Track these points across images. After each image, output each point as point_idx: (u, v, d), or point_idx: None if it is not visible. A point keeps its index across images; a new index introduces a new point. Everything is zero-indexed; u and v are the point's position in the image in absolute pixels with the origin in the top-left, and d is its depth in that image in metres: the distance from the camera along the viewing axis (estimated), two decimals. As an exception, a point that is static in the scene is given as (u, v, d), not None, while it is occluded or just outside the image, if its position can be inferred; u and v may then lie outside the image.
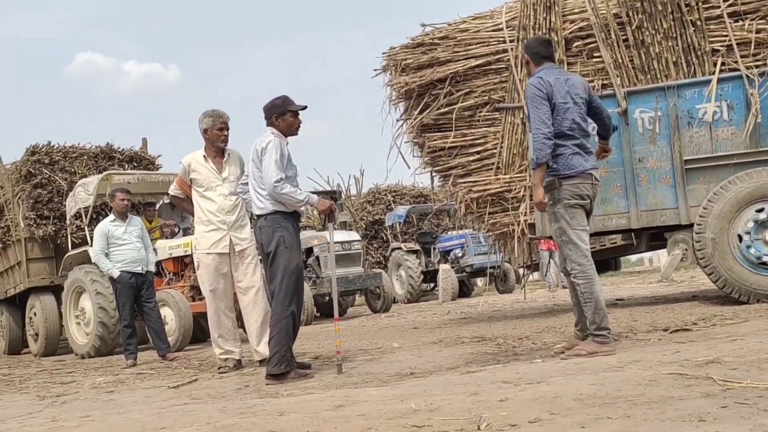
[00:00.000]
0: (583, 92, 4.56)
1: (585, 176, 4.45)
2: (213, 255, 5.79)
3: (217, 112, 5.87)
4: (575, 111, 4.46)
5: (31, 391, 5.78)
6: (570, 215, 4.46)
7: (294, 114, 5.09)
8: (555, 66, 4.66)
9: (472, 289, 18.48)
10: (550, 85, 4.42)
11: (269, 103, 5.09)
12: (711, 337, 4.60)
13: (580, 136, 4.47)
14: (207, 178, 5.84)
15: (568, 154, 4.44)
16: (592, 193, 4.50)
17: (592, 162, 4.51)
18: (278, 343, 4.81)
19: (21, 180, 11.24)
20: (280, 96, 5.11)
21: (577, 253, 4.46)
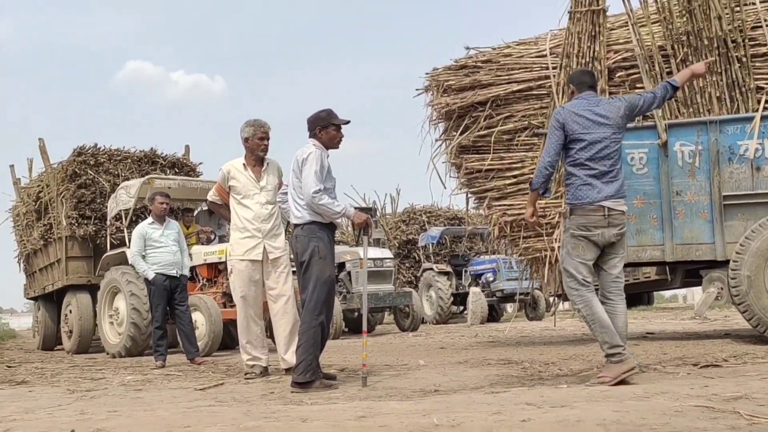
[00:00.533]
0: (616, 114, 4.55)
1: (594, 208, 4.43)
2: (246, 262, 5.87)
3: (259, 121, 5.95)
4: (598, 141, 4.45)
5: (62, 385, 5.91)
6: (572, 245, 4.48)
7: (337, 128, 5.17)
8: (593, 94, 4.67)
9: (502, 314, 18.37)
10: (570, 114, 4.50)
11: (314, 115, 5.18)
12: (741, 374, 4.54)
13: (599, 167, 4.45)
14: (245, 186, 5.93)
15: (577, 185, 4.47)
16: (605, 223, 4.43)
17: (607, 192, 4.44)
18: (305, 351, 4.86)
19: (66, 179, 11.53)
20: (324, 109, 5.21)
21: (572, 282, 4.49)
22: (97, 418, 3.84)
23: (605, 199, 4.44)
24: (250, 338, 5.96)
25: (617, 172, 4.53)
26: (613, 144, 4.52)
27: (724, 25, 6.68)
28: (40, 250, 12.53)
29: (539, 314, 16.84)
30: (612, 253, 4.56)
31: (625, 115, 4.62)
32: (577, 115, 4.50)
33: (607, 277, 4.58)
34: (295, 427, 3.18)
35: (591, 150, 4.46)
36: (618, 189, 4.51)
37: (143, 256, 7.91)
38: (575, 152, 4.48)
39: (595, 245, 4.47)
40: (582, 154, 4.46)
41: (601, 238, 4.45)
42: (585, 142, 4.46)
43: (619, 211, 4.49)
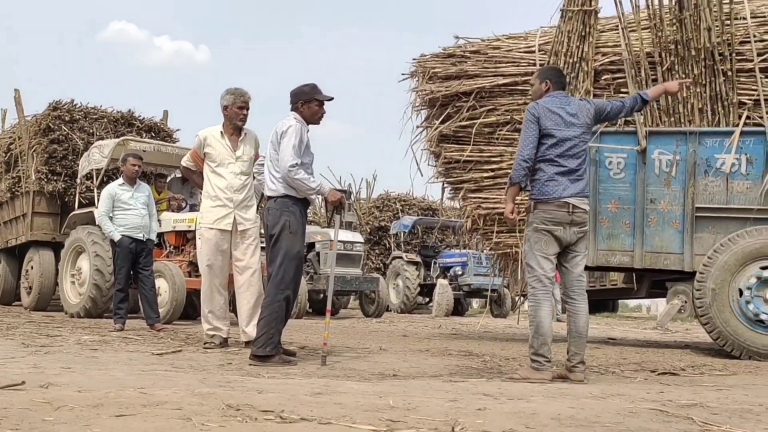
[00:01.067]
0: (586, 116, 4.59)
1: (560, 204, 4.45)
2: (215, 230, 5.81)
3: (239, 90, 5.88)
4: (568, 139, 4.48)
5: (17, 339, 5.81)
6: (535, 239, 4.49)
7: (320, 103, 5.11)
8: (564, 94, 4.70)
9: (467, 309, 18.44)
10: (544, 110, 4.51)
11: (297, 88, 5.11)
12: (698, 384, 4.58)
13: (568, 164, 4.48)
14: (221, 154, 5.86)
15: (543, 180, 4.49)
16: (568, 220, 4.45)
17: (573, 190, 4.47)
18: (267, 325, 4.82)
19: (39, 133, 11.32)
20: (309, 83, 5.14)
21: (531, 276, 4.51)
22: (50, 372, 3.78)
23: (571, 196, 4.46)
24: (212, 308, 5.90)
25: (583, 172, 4.57)
26: (582, 143, 4.57)
27: (712, 38, 6.70)
28: (6, 203, 12.29)
29: (504, 311, 16.94)
30: (574, 251, 4.56)
31: (593, 117, 4.67)
32: (551, 112, 4.51)
33: (569, 275, 4.59)
34: (250, 397, 3.14)
35: (561, 147, 4.48)
36: (583, 188, 4.55)
37: (111, 217, 7.78)
38: (546, 148, 4.49)
39: (557, 241, 4.48)
40: (552, 151, 4.48)
41: (563, 234, 4.47)
42: (556, 138, 4.48)
43: (582, 209, 4.52)
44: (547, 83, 4.69)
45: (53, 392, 3.08)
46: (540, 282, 4.46)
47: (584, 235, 4.59)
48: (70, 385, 3.31)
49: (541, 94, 4.69)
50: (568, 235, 4.49)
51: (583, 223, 4.54)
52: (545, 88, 4.69)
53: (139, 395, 3.06)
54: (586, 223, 4.59)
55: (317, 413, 2.83)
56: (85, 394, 3.05)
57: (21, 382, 3.20)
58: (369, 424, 2.65)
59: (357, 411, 2.92)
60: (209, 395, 3.12)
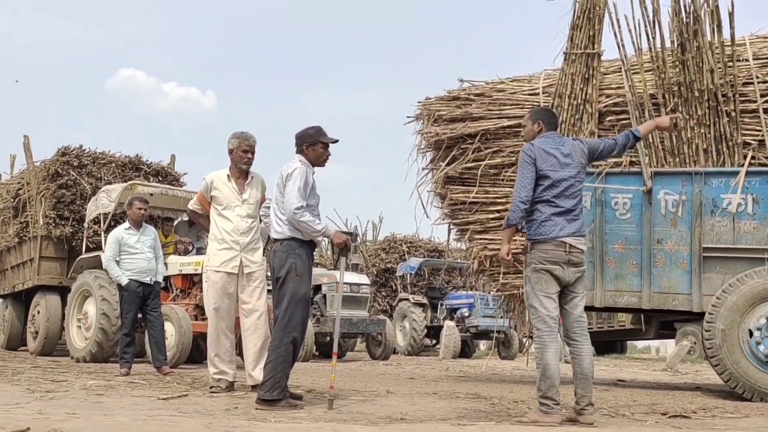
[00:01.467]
0: (580, 155, 4.61)
1: (557, 243, 4.44)
2: (222, 273, 5.81)
3: (244, 134, 5.94)
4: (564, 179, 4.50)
5: (22, 384, 5.78)
6: (535, 279, 4.47)
7: (325, 146, 5.16)
8: (557, 134, 4.73)
9: (474, 351, 18.30)
10: (540, 151, 4.52)
11: (302, 131, 5.17)
12: (709, 427, 4.51)
13: (564, 204, 4.49)
14: (227, 197, 5.89)
15: (540, 220, 4.49)
16: (566, 260, 4.44)
17: (570, 230, 4.47)
18: (274, 368, 4.79)
19: (48, 178, 11.39)
20: (313, 126, 5.20)
21: (535, 318, 4.48)
22: (55, 418, 3.75)
23: (567, 236, 4.46)
24: (219, 351, 5.87)
25: (579, 212, 4.58)
26: (577, 183, 4.58)
27: (715, 79, 6.77)
28: (14, 248, 12.32)
29: (512, 353, 16.79)
30: (573, 292, 4.54)
31: (587, 156, 4.68)
32: (547, 153, 4.53)
33: (569, 317, 4.56)
34: (256, 443, 3.10)
35: (557, 188, 4.49)
36: (579, 227, 4.55)
37: (117, 261, 7.80)
38: (542, 190, 4.50)
39: (557, 280, 4.46)
40: (548, 192, 4.49)
41: (562, 274, 4.45)
42: (552, 180, 4.49)
43: (579, 249, 4.51)
44: (540, 124, 4.70)
45: (58, 438, 3.05)
46: (544, 323, 4.43)
47: (582, 275, 4.57)
48: None
49: (533, 135, 4.71)
50: (567, 275, 4.47)
51: (580, 264, 4.53)
52: (537, 128, 4.70)
53: (145, 441, 3.03)
54: (584, 263, 4.58)
55: (325, 459, 2.80)
56: (90, 441, 3.02)
57: (26, 429, 3.18)
58: (377, 470, 2.61)
59: (365, 456, 2.88)
60: (216, 441, 3.08)
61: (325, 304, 12.97)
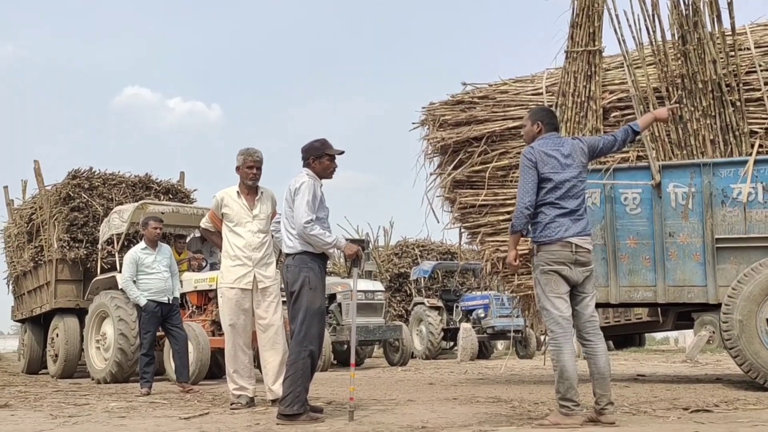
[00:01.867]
0: (580, 155, 4.60)
1: (563, 244, 4.44)
2: (236, 289, 5.85)
3: (250, 150, 5.96)
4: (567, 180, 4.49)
5: (45, 410, 5.82)
6: (545, 281, 4.47)
7: (331, 158, 5.18)
8: (557, 135, 4.71)
9: (492, 351, 18.25)
10: (541, 154, 4.51)
11: (308, 144, 5.19)
12: (732, 420, 4.50)
13: (568, 205, 4.48)
14: (238, 214, 5.92)
15: (545, 223, 4.48)
16: (573, 260, 4.43)
17: (575, 230, 4.46)
18: (293, 383, 4.81)
19: (60, 202, 11.50)
20: (319, 138, 5.22)
21: (549, 320, 4.47)
22: (78, 445, 3.78)
23: (573, 236, 4.45)
24: (237, 367, 5.90)
25: (583, 211, 4.57)
26: (580, 183, 4.57)
27: (718, 69, 6.76)
28: (30, 272, 12.44)
29: (530, 352, 16.74)
30: (582, 292, 4.53)
31: (587, 155, 4.67)
32: (548, 156, 4.51)
33: (581, 317, 4.53)
34: (279, 460, 3.12)
35: (560, 190, 4.48)
36: (585, 227, 4.53)
37: (134, 281, 7.86)
38: (545, 192, 4.50)
39: (565, 280, 4.46)
40: (552, 194, 4.48)
41: (570, 274, 4.44)
42: (554, 182, 4.48)
43: (586, 249, 4.50)
44: (539, 125, 4.69)
45: (84, 465, 3.08)
46: (558, 324, 4.42)
47: (590, 274, 4.56)
48: (100, 457, 3.31)
49: (533, 136, 4.70)
50: (575, 275, 4.46)
51: (587, 263, 4.52)
52: (537, 129, 4.69)
53: (170, 464, 3.05)
54: (591, 262, 4.57)
55: (348, 474, 2.81)
56: (115, 466, 3.05)
57: (52, 457, 3.21)
58: (400, 483, 2.63)
59: (387, 469, 2.90)
60: (239, 460, 3.11)
61: (340, 312, 12.99)
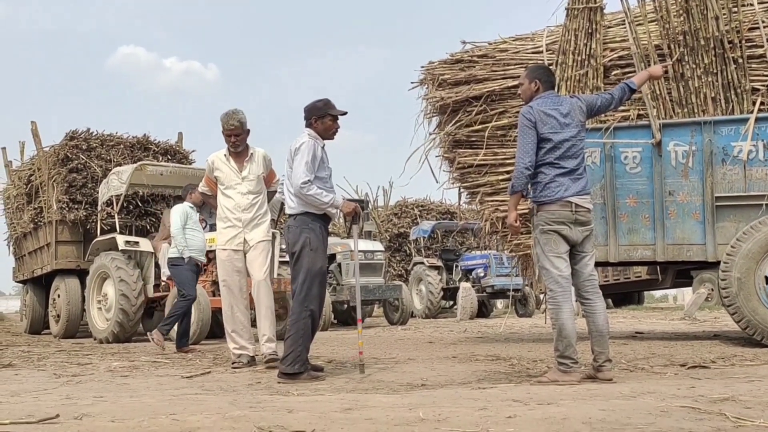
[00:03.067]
0: (579, 114, 4.56)
1: (563, 203, 4.43)
2: (228, 251, 5.95)
3: (227, 116, 5.94)
4: (566, 140, 4.46)
5: (48, 369, 5.88)
6: (544, 240, 4.47)
7: (333, 118, 5.14)
8: (555, 93, 4.67)
9: (491, 310, 18.40)
10: (540, 114, 4.47)
11: (310, 104, 5.15)
12: (729, 376, 4.55)
13: (567, 165, 4.47)
14: (228, 176, 5.98)
15: (545, 183, 4.47)
16: (572, 219, 4.43)
17: (575, 189, 4.45)
18: (294, 342, 4.84)
19: (58, 163, 11.47)
20: (322, 99, 5.18)
21: (548, 279, 4.49)
22: (83, 403, 3.82)
23: (573, 195, 4.45)
24: (235, 327, 5.98)
25: (583, 170, 4.55)
26: (579, 142, 4.54)
27: (721, 26, 6.68)
28: (30, 234, 12.47)
29: (529, 311, 16.88)
30: (582, 251, 4.53)
31: (585, 114, 4.64)
32: (547, 115, 4.48)
33: (580, 276, 4.55)
34: (280, 417, 3.16)
35: (559, 149, 4.46)
36: (584, 186, 4.53)
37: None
38: (544, 152, 4.47)
39: (565, 239, 4.46)
40: (551, 154, 4.46)
41: (570, 234, 4.45)
42: (554, 142, 4.45)
43: (586, 208, 4.50)
44: (536, 83, 4.63)
45: (87, 424, 3.12)
46: (557, 283, 4.44)
47: (590, 234, 4.56)
48: (103, 416, 3.35)
49: (531, 95, 4.65)
50: (574, 235, 4.46)
51: (587, 222, 4.52)
52: (535, 88, 4.63)
53: (172, 422, 3.09)
54: (591, 222, 4.57)
55: (348, 430, 2.85)
56: (118, 425, 3.08)
57: (55, 416, 3.25)
58: (400, 440, 2.66)
59: (387, 426, 2.93)
60: (240, 418, 3.14)
61: (340, 272, 13.06)
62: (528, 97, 4.67)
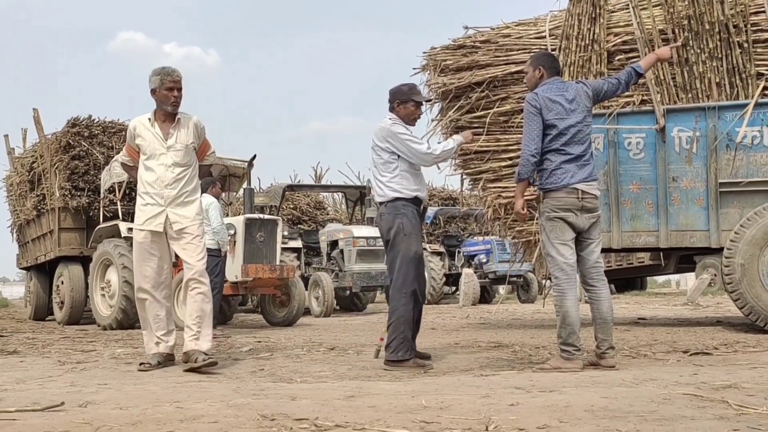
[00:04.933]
0: (585, 99, 4.54)
1: (569, 190, 4.42)
2: (145, 232, 5.03)
3: (167, 69, 5.10)
4: (572, 126, 4.45)
5: (53, 356, 5.90)
6: (550, 228, 4.47)
7: (417, 104, 5.08)
8: (560, 80, 4.65)
9: (494, 296, 18.42)
10: (545, 100, 4.46)
11: (396, 87, 5.10)
12: (731, 363, 4.55)
13: (573, 151, 4.45)
14: (151, 145, 5.05)
15: (551, 169, 4.46)
16: (579, 206, 4.42)
17: (581, 176, 4.44)
18: (396, 329, 4.79)
19: (60, 150, 11.44)
20: (407, 83, 5.18)
21: (553, 266, 4.48)
22: (87, 390, 3.84)
23: (579, 182, 4.43)
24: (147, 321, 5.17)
25: (589, 156, 4.53)
26: (585, 128, 4.52)
27: (726, 10, 6.63)
28: (33, 221, 12.48)
29: (531, 297, 16.89)
30: (588, 238, 4.52)
31: (591, 99, 4.62)
32: (552, 102, 4.46)
33: (586, 263, 4.54)
34: (283, 405, 3.17)
35: (565, 136, 4.44)
36: (591, 172, 4.51)
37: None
38: (550, 139, 4.45)
39: (571, 226, 4.45)
40: (557, 141, 4.44)
41: (576, 221, 4.44)
42: (558, 128, 4.44)
43: (592, 195, 4.48)
44: (540, 70, 4.62)
45: (92, 411, 3.13)
46: (562, 271, 4.43)
47: (597, 220, 4.55)
48: (107, 403, 3.36)
49: (535, 82, 4.63)
50: (581, 222, 4.46)
51: (594, 209, 4.51)
52: (539, 75, 4.62)
53: (176, 410, 3.10)
54: (598, 208, 4.55)
55: (351, 418, 2.86)
56: (123, 412, 3.10)
57: (60, 403, 3.26)
58: (403, 428, 2.67)
59: (390, 413, 2.94)
60: (244, 406, 3.15)
61: (342, 259, 13.06)
62: (533, 85, 4.65)
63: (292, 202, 17.58)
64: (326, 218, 18.08)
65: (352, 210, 15.06)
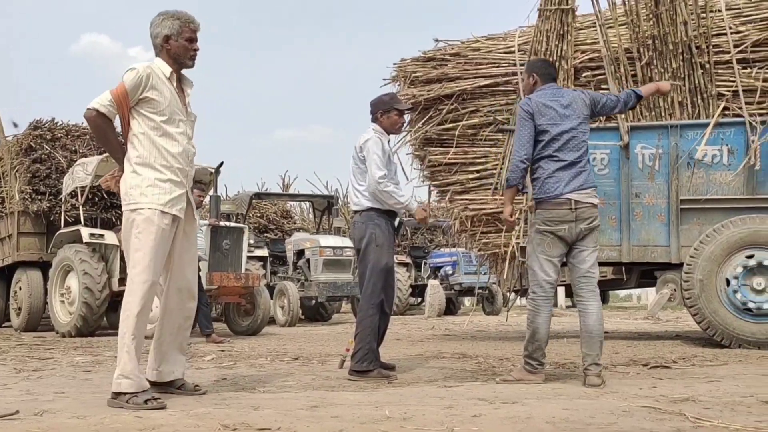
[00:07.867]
0: (582, 106, 4.45)
1: (561, 201, 4.29)
2: (167, 215, 3.81)
3: (186, 14, 3.97)
4: (566, 132, 4.34)
5: (8, 364, 5.78)
6: (538, 241, 4.37)
7: (399, 113, 5.10)
8: (555, 86, 4.57)
9: (459, 308, 18.48)
10: (538, 105, 4.37)
11: (377, 98, 5.11)
12: (689, 376, 4.63)
13: (567, 157, 4.33)
14: (171, 105, 3.88)
15: (544, 178, 4.35)
16: (572, 217, 4.28)
17: (575, 184, 4.31)
18: (362, 339, 4.79)
19: (21, 153, 11.24)
20: (388, 93, 5.23)
21: (533, 280, 4.41)
22: (44, 399, 3.76)
23: (572, 191, 4.28)
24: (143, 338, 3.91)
25: (585, 163, 4.39)
26: (581, 134, 4.39)
27: (689, 31, 6.77)
28: (-8, 224, 12.21)
29: (496, 309, 16.97)
30: (581, 246, 4.32)
31: (589, 107, 4.49)
32: (546, 107, 4.36)
33: (576, 272, 4.36)
34: (245, 415, 3.14)
35: (558, 141, 4.32)
36: (586, 180, 4.35)
37: None
38: (543, 145, 4.34)
39: (561, 241, 4.31)
40: (550, 147, 4.33)
41: (568, 234, 4.29)
42: (551, 134, 4.32)
43: (588, 204, 4.32)
44: (534, 77, 4.55)
45: (48, 420, 3.07)
46: (540, 287, 4.36)
47: (594, 230, 4.34)
48: (64, 412, 3.30)
49: (530, 89, 4.57)
50: (574, 233, 4.29)
51: (591, 218, 4.32)
52: (533, 81, 4.55)
53: (135, 420, 3.06)
54: (595, 216, 4.35)
55: (314, 428, 2.84)
56: (80, 421, 3.04)
57: (15, 411, 3.19)
58: (366, 438, 2.66)
59: (353, 424, 2.93)
60: (205, 415, 3.12)
61: (308, 268, 13.00)
62: (529, 92, 4.60)
63: (259, 211, 17.47)
64: (293, 227, 17.99)
65: (320, 219, 15.01)
